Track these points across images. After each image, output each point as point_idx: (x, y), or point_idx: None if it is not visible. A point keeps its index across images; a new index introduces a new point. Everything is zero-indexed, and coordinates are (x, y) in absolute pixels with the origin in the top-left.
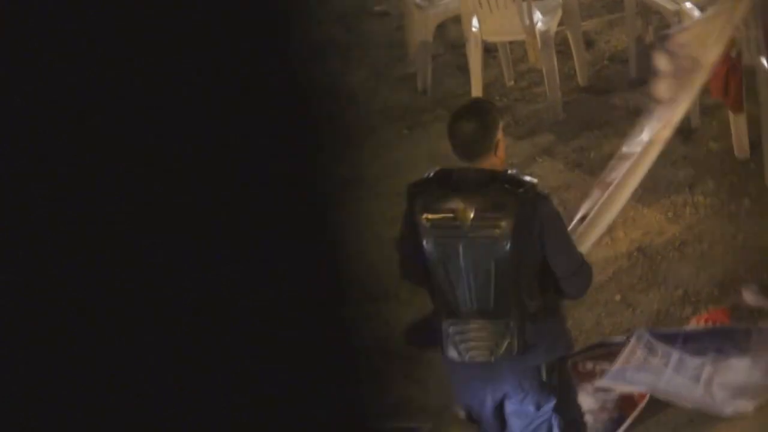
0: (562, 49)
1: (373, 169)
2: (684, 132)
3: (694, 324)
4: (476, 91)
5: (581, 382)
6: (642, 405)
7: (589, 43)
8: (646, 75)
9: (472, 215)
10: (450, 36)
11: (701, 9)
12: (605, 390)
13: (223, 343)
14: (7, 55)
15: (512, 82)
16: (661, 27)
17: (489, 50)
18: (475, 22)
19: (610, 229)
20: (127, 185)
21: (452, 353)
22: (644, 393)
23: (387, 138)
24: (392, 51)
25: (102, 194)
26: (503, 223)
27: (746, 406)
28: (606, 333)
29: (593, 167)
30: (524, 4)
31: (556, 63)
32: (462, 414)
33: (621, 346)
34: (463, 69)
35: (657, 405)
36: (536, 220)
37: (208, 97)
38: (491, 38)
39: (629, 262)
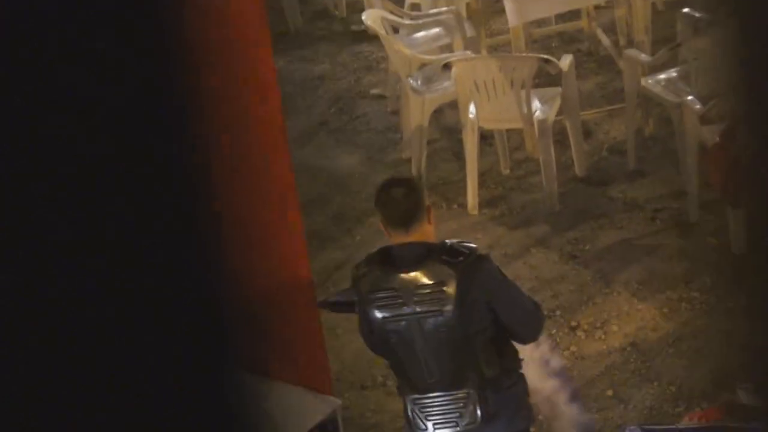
0: (560, 139)
1: (364, 256)
2: (681, 226)
3: (687, 421)
4: (471, 178)
5: None
6: None
7: (587, 133)
8: (644, 167)
9: (414, 291)
10: (446, 121)
11: (703, 102)
12: None
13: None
14: None
15: (508, 171)
16: (662, 119)
17: (485, 137)
18: (472, 108)
19: (604, 323)
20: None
21: (420, 427)
22: None
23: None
24: (387, 135)
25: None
26: (446, 295)
27: None
28: (597, 429)
29: (588, 260)
30: (522, 92)
31: (553, 153)
32: None
33: None
34: (459, 155)
35: None
36: (480, 285)
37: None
38: (488, 125)
39: (622, 357)
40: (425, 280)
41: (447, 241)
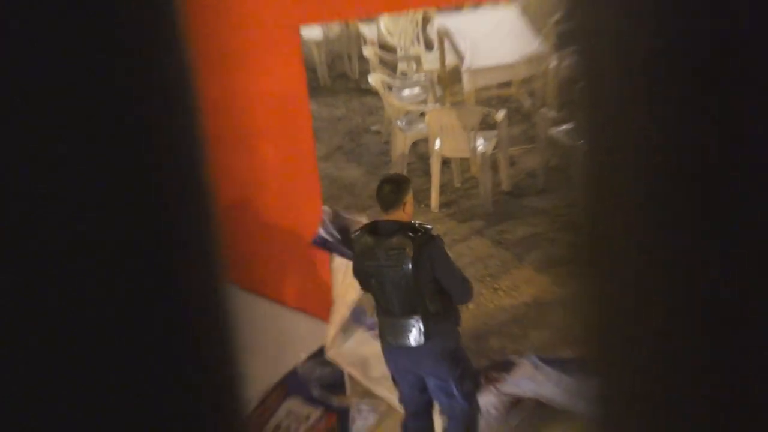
0: (494, 165)
1: None
2: (570, 225)
3: (569, 353)
4: (435, 188)
5: (489, 386)
6: (528, 404)
7: (512, 163)
8: (549, 187)
9: (386, 252)
10: (420, 150)
11: None
12: (505, 393)
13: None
14: None
15: (459, 184)
16: (563, 156)
17: (445, 162)
18: (437, 142)
19: (517, 287)
20: None
21: (389, 340)
22: (530, 396)
23: (373, 214)
24: (381, 157)
25: None
26: (405, 256)
27: None
28: (508, 353)
29: (509, 245)
30: (471, 133)
31: (489, 174)
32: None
33: (518, 364)
34: (427, 173)
35: (538, 405)
36: (427, 255)
37: None
38: (447, 154)
39: (528, 310)
40: (394, 245)
41: (414, 221)
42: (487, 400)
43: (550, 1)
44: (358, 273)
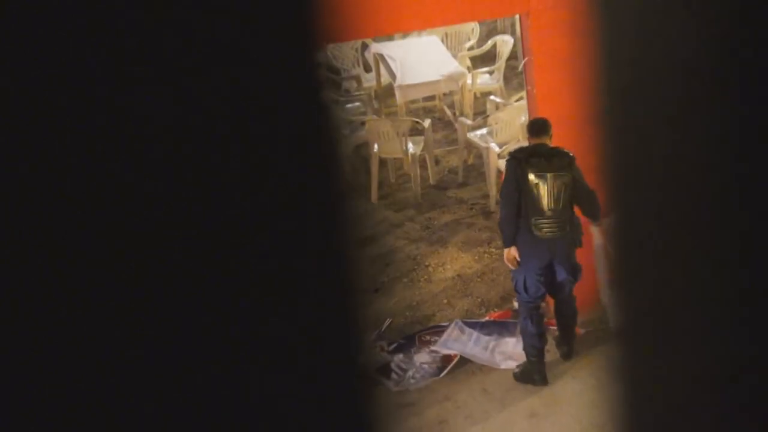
0: (422, 164)
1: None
2: (486, 212)
3: (487, 318)
4: (374, 183)
5: (423, 347)
6: (455, 360)
7: (437, 161)
8: (467, 181)
9: (552, 166)
10: (362, 152)
11: (500, 146)
12: (435, 352)
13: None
14: None
15: (394, 180)
16: (477, 156)
17: (383, 162)
18: (376, 146)
19: (443, 264)
20: None
21: (537, 233)
22: (456, 354)
23: None
24: None
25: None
26: (567, 172)
27: (512, 364)
28: (437, 320)
29: (436, 229)
30: (403, 138)
31: (418, 171)
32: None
33: (446, 327)
34: (368, 171)
35: (463, 360)
36: (574, 172)
37: None
38: (384, 155)
39: (453, 283)
40: (558, 164)
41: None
42: (421, 357)
43: (464, 31)
44: (511, 186)
